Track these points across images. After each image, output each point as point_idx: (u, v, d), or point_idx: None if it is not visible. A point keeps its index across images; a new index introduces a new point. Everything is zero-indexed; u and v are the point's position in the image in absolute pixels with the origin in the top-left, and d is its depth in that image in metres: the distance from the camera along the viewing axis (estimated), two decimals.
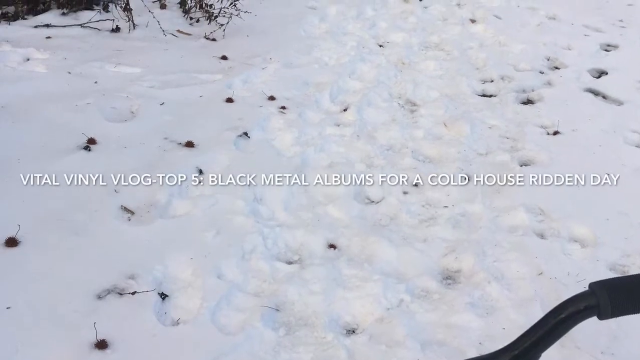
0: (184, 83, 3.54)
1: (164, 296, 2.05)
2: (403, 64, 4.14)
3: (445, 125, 3.34)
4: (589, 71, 4.14)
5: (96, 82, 3.38)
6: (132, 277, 2.08)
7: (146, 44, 4.05)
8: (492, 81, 3.96)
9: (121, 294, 2.01)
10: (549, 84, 3.94)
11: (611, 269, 2.33)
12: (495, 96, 3.77)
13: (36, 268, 2.05)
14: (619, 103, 3.73)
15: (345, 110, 3.44)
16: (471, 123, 3.36)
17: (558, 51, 4.46)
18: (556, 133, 3.31)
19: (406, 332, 1.98)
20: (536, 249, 2.40)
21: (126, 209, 2.43)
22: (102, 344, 1.80)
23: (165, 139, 2.93)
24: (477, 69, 4.14)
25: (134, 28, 4.22)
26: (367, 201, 2.68)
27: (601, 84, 3.96)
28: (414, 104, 3.59)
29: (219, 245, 2.28)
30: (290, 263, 2.27)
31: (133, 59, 3.74)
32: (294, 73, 3.83)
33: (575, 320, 0.69)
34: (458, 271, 2.29)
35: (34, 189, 2.42)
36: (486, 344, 1.95)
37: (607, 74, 4.14)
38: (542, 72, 4.11)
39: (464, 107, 3.56)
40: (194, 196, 2.57)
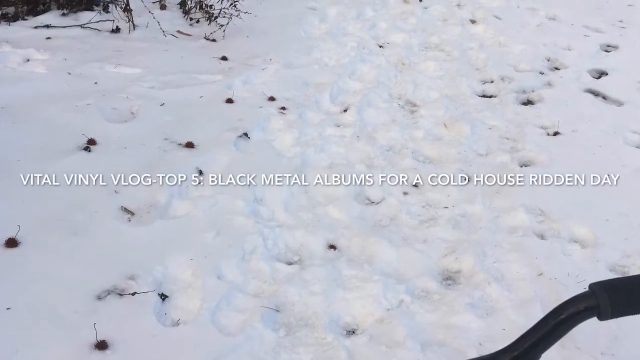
0: (184, 84, 3.54)
1: (164, 297, 2.05)
2: (403, 64, 4.14)
3: (446, 126, 3.33)
4: (589, 72, 4.15)
5: (96, 82, 3.38)
6: (132, 277, 2.08)
7: (146, 44, 4.05)
8: (492, 82, 3.96)
9: (121, 294, 2.01)
10: (549, 84, 3.94)
11: (611, 270, 2.33)
12: (495, 97, 3.77)
13: (36, 269, 2.05)
14: (619, 104, 3.73)
15: (345, 111, 3.44)
16: (471, 124, 3.36)
17: (558, 52, 4.46)
18: (556, 134, 3.31)
19: (406, 332, 1.98)
20: (536, 250, 2.40)
21: (126, 210, 2.43)
22: (102, 345, 1.80)
23: (166, 139, 2.93)
24: (477, 69, 4.14)
25: (134, 29, 4.22)
26: (367, 202, 2.68)
27: (601, 85, 3.96)
28: (414, 105, 3.60)
29: (219, 246, 2.28)
30: (290, 264, 2.27)
31: (133, 60, 3.74)
32: (294, 74, 3.83)
33: (575, 321, 0.69)
34: (458, 272, 2.29)
35: (34, 190, 2.42)
36: (486, 344, 1.95)
37: (607, 74, 4.14)
38: (542, 73, 4.11)
39: (464, 108, 3.56)
40: (194, 197, 2.57)
